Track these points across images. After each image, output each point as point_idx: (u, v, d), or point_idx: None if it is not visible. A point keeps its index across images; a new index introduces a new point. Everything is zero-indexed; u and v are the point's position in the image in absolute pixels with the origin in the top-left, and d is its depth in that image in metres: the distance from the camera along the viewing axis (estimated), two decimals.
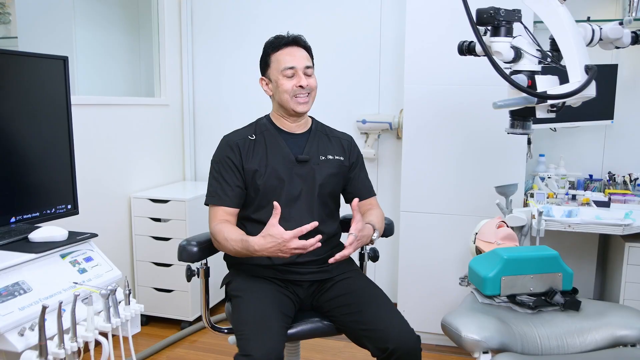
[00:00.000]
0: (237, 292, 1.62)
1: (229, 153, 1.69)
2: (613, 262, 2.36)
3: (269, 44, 1.74)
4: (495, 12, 1.45)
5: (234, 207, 1.68)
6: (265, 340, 1.41)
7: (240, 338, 1.45)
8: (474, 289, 1.72)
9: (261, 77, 1.76)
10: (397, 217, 2.68)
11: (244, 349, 1.40)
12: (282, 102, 1.71)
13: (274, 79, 1.71)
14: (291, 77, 1.69)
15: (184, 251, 1.66)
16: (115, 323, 1.37)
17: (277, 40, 1.73)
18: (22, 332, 1.24)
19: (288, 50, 1.71)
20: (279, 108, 1.75)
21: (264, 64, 1.75)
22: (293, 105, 1.70)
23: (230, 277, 1.72)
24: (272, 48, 1.72)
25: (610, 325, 1.53)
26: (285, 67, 1.68)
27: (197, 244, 1.66)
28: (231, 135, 1.75)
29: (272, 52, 1.72)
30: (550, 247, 1.69)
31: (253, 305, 1.54)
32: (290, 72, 1.68)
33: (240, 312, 1.54)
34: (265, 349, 1.38)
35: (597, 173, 2.61)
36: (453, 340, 1.51)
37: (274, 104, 1.77)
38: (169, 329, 2.69)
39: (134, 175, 2.76)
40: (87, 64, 2.81)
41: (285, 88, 1.68)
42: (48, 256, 1.43)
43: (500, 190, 2.10)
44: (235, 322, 1.54)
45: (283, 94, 1.69)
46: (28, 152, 1.60)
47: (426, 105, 2.40)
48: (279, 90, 1.70)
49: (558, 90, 1.42)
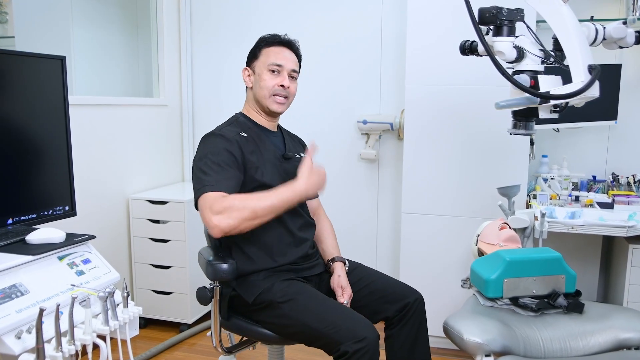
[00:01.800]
0: (285, 297, 1.55)
1: (228, 146, 1.58)
2: (617, 264, 2.35)
3: (263, 38, 1.74)
4: (497, 11, 1.45)
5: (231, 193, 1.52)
6: (360, 320, 1.46)
7: (333, 332, 1.43)
8: (476, 292, 1.72)
9: (245, 67, 1.75)
10: (398, 219, 2.67)
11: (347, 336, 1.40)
12: (258, 97, 1.71)
13: (258, 72, 1.70)
14: (275, 75, 1.68)
15: (217, 269, 1.52)
16: (113, 326, 1.37)
17: (273, 37, 1.73)
18: (19, 335, 1.23)
19: (280, 49, 1.72)
20: (254, 102, 1.74)
21: (252, 55, 1.74)
22: (269, 103, 1.69)
23: (257, 288, 1.60)
24: (266, 42, 1.72)
25: (614, 328, 1.52)
26: (273, 62, 1.68)
27: (224, 257, 1.57)
28: (222, 132, 1.63)
29: (264, 46, 1.72)
30: (553, 249, 1.69)
31: (315, 300, 1.54)
32: (276, 68, 1.68)
33: (310, 310, 1.50)
34: (368, 327, 1.44)
35: (600, 174, 2.60)
36: (455, 343, 1.50)
37: (249, 97, 1.76)
38: (167, 332, 2.69)
39: (132, 176, 2.75)
40: (85, 63, 2.80)
41: (267, 84, 1.68)
42: (45, 258, 1.43)
43: (502, 191, 2.09)
44: (309, 322, 1.49)
45: (263, 89, 1.69)
46: (25, 152, 1.59)
47: (428, 106, 2.39)
48: (259, 85, 1.69)
49: (561, 90, 1.41)
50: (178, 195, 2.70)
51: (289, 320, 1.53)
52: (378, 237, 2.89)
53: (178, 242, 2.62)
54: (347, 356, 1.38)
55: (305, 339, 1.53)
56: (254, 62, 1.73)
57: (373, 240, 2.89)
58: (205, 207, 1.46)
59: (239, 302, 1.64)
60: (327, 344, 1.45)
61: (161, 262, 2.67)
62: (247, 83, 1.75)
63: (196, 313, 2.72)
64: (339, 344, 1.40)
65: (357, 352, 1.37)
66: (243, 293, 1.61)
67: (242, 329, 1.66)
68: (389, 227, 2.85)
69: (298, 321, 1.51)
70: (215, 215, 1.43)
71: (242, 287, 1.61)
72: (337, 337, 1.41)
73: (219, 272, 1.55)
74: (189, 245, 2.62)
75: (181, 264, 2.63)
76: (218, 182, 1.49)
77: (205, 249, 1.69)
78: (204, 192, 1.48)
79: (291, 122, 2.33)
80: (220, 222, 1.43)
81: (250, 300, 1.59)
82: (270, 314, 1.57)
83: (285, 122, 1.91)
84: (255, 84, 1.71)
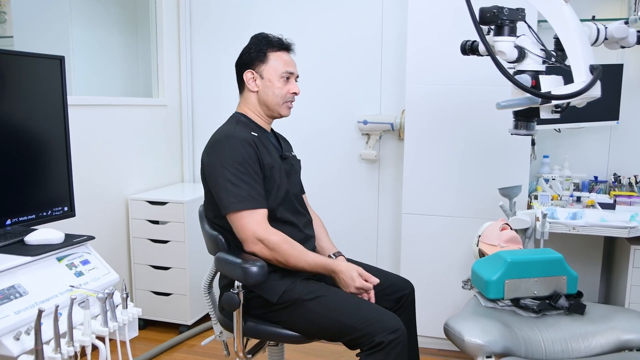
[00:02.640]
0: (312, 295, 1.58)
1: (250, 151, 1.61)
2: (618, 265, 2.34)
3: (267, 40, 1.72)
4: (498, 11, 1.45)
5: (266, 208, 1.62)
6: (387, 313, 1.54)
7: (366, 325, 1.48)
8: (477, 293, 1.71)
9: (250, 70, 1.71)
10: (399, 219, 2.67)
11: (381, 328, 1.46)
12: (268, 103, 1.71)
13: (268, 78, 1.70)
14: (286, 82, 1.71)
15: (254, 273, 1.50)
16: (112, 327, 1.36)
17: (279, 41, 1.72)
18: (18, 337, 1.23)
19: (287, 55, 1.73)
20: (258, 106, 1.74)
21: (255, 58, 1.71)
22: (281, 109, 1.73)
23: (279, 287, 1.61)
24: (272, 46, 1.71)
25: (616, 329, 1.52)
26: (287, 70, 1.71)
27: (252, 259, 1.54)
28: (237, 132, 1.64)
29: (270, 49, 1.71)
30: (554, 250, 1.68)
31: (341, 296, 1.58)
32: (288, 75, 1.71)
33: (340, 306, 1.55)
34: (396, 318, 1.51)
35: (602, 174, 2.59)
36: (456, 344, 1.50)
37: (253, 101, 1.74)
38: (167, 333, 2.68)
39: (132, 176, 2.75)
40: (84, 63, 2.80)
41: (281, 92, 1.70)
42: (44, 259, 1.42)
43: (503, 192, 2.09)
44: (339, 317, 1.53)
45: (277, 97, 1.70)
46: (24, 153, 1.58)
47: (428, 106, 2.39)
48: (272, 92, 1.70)
49: (562, 90, 1.41)
50: (177, 196, 2.69)
51: (317, 318, 1.56)
52: (378, 238, 2.88)
53: (177, 243, 2.61)
54: (382, 346, 1.45)
55: (332, 335, 1.56)
56: (261, 66, 1.70)
57: (373, 241, 2.88)
58: (247, 227, 1.57)
59: (255, 305, 1.63)
60: (359, 338, 1.49)
61: (160, 263, 2.66)
62: (252, 87, 1.72)
63: (196, 314, 2.72)
64: (373, 335, 1.46)
65: (392, 342, 1.45)
66: (265, 294, 1.60)
67: (258, 331, 1.64)
68: (390, 228, 2.85)
69: (328, 318, 1.55)
70: (256, 244, 1.57)
71: (264, 288, 1.60)
72: (371, 330, 1.47)
73: (250, 275, 1.51)
74: (189, 246, 2.61)
75: (181, 265, 2.63)
76: (253, 198, 1.57)
77: (223, 253, 1.63)
78: (245, 207, 1.57)
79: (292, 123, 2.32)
80: (258, 250, 1.57)
81: (274, 300, 1.59)
82: (295, 312, 1.58)
83: (286, 122, 1.91)
84: (265, 90, 1.70)
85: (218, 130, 1.70)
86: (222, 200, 1.59)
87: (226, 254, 1.61)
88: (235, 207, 1.57)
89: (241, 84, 1.76)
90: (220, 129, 1.71)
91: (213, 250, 1.72)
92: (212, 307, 1.80)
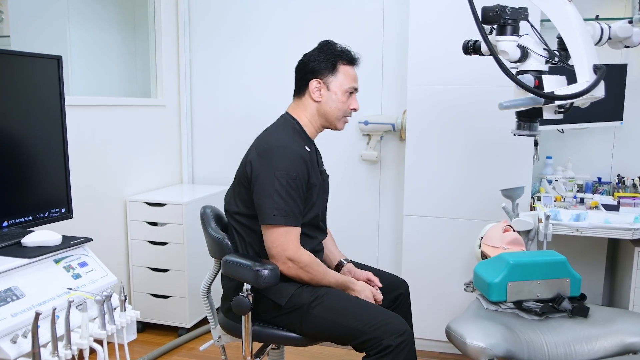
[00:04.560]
0: (318, 300, 1.59)
1: (304, 169, 1.61)
2: (622, 267, 2.34)
3: (337, 52, 1.71)
4: (501, 10, 1.44)
5: (300, 227, 1.63)
6: (394, 315, 1.55)
7: (373, 329, 1.50)
8: (479, 295, 1.71)
9: (317, 79, 1.70)
10: (400, 221, 2.66)
11: (388, 331, 1.48)
12: (328, 116, 1.71)
13: (335, 90, 1.70)
14: (350, 97, 1.72)
15: (266, 276, 1.51)
16: (110, 330, 1.36)
17: (349, 54, 1.73)
18: (15, 340, 1.22)
19: (353, 70, 1.74)
20: (317, 116, 1.73)
21: (325, 68, 1.69)
22: (339, 124, 1.75)
23: (287, 290, 1.61)
24: (343, 58, 1.71)
25: (620, 332, 1.51)
26: (353, 86, 1.72)
27: (267, 263, 1.56)
28: (295, 145, 1.63)
29: (342, 62, 1.71)
30: (557, 252, 1.67)
31: (347, 300, 1.60)
32: (353, 91, 1.73)
33: (346, 311, 1.56)
34: (402, 321, 1.53)
35: (606, 176, 2.58)
36: (458, 347, 1.49)
37: (312, 110, 1.72)
38: (165, 336, 2.67)
39: (130, 178, 2.74)
40: (82, 63, 2.80)
41: (344, 107, 1.72)
42: (41, 261, 1.42)
43: (506, 193, 2.08)
44: (346, 322, 1.54)
45: (338, 111, 1.71)
46: (21, 154, 1.58)
47: (430, 106, 2.38)
48: (335, 105, 1.70)
49: (566, 90, 1.40)
50: (176, 197, 2.68)
51: (324, 322, 1.56)
52: (380, 239, 2.87)
53: (176, 245, 2.61)
54: (389, 350, 1.47)
55: (339, 338, 1.57)
56: (329, 77, 1.69)
57: (374, 243, 2.87)
58: (280, 244, 1.58)
59: (263, 309, 1.62)
60: (366, 341, 1.50)
61: (159, 265, 2.65)
62: (316, 97, 1.70)
63: (195, 317, 2.71)
64: (380, 339, 1.48)
65: (399, 345, 1.47)
66: (273, 296, 1.61)
67: (264, 335, 1.64)
68: (391, 230, 2.84)
69: (334, 322, 1.55)
70: (285, 263, 1.58)
71: (271, 291, 1.60)
72: (378, 333, 1.49)
73: (262, 278, 1.50)
74: (188, 248, 2.60)
75: (179, 267, 2.62)
76: (294, 215, 1.58)
77: (232, 256, 1.62)
78: (287, 223, 1.57)
79: None
80: (285, 268, 1.58)
81: (282, 303, 1.59)
82: (303, 317, 1.59)
83: None
84: (329, 102, 1.70)
85: (272, 135, 1.67)
86: (264, 209, 1.58)
87: (236, 257, 1.60)
88: (276, 221, 1.56)
89: (302, 89, 1.73)
90: (275, 135, 1.67)
91: (217, 254, 1.71)
92: (210, 311, 1.78)
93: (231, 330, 1.70)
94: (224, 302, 1.72)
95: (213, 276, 1.79)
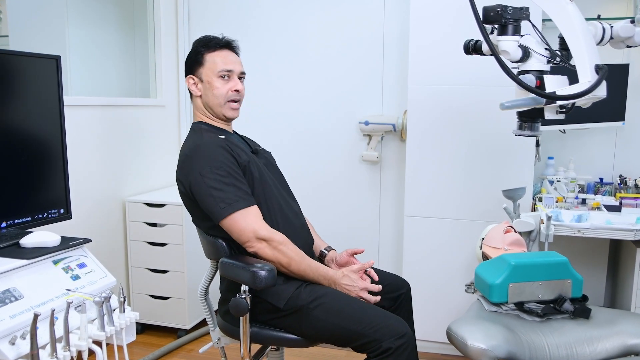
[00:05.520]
0: (316, 301, 1.56)
1: (224, 153, 1.59)
2: (624, 269, 2.33)
3: (202, 43, 1.72)
4: (502, 9, 1.43)
5: (256, 205, 1.59)
6: (394, 317, 1.53)
7: (373, 331, 1.48)
8: (480, 296, 1.70)
9: (190, 76, 1.72)
10: (400, 222, 2.65)
11: (388, 334, 1.46)
12: (212, 105, 1.71)
13: (207, 80, 1.69)
14: (226, 81, 1.69)
15: (264, 277, 1.48)
16: (109, 331, 1.36)
17: (213, 40, 1.72)
18: (13, 341, 1.22)
19: (225, 53, 1.72)
20: (205, 110, 1.73)
21: (194, 62, 1.71)
22: (225, 110, 1.71)
23: (285, 292, 1.59)
24: (207, 47, 1.71)
25: (622, 334, 1.51)
26: (224, 69, 1.69)
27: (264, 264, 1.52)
28: (204, 141, 1.63)
29: (206, 51, 1.70)
30: (559, 253, 1.67)
31: (346, 302, 1.57)
32: (226, 74, 1.69)
33: (345, 313, 1.53)
34: (403, 323, 1.51)
35: (607, 176, 2.58)
36: (459, 349, 1.49)
37: (199, 105, 1.73)
38: (165, 338, 2.66)
39: (129, 178, 2.73)
40: (81, 63, 2.79)
41: (220, 92, 1.69)
42: (40, 262, 1.42)
43: (507, 194, 2.08)
44: (346, 324, 1.52)
45: (217, 97, 1.69)
46: (19, 154, 1.58)
47: (431, 106, 2.37)
48: (212, 93, 1.69)
49: (567, 90, 1.40)
50: (175, 198, 2.65)
51: (324, 324, 1.55)
52: (380, 240, 2.86)
53: (175, 246, 2.60)
54: (389, 352, 1.44)
55: (339, 340, 1.56)
56: (199, 69, 1.70)
57: (375, 244, 2.87)
58: (245, 228, 1.54)
59: (261, 311, 1.61)
60: (366, 344, 1.49)
61: (158, 266, 2.64)
62: (195, 92, 1.72)
63: (194, 318, 2.70)
64: (380, 341, 1.46)
65: (399, 348, 1.45)
66: (271, 299, 1.59)
67: (263, 337, 1.63)
68: (392, 231, 2.83)
69: (334, 324, 1.53)
70: (259, 242, 1.55)
71: (270, 293, 1.59)
72: (378, 336, 1.47)
73: (260, 279, 1.48)
74: (187, 249, 2.59)
75: (179, 268, 2.61)
76: (241, 198, 1.55)
77: (228, 258, 1.60)
78: (239, 207, 1.54)
79: (292, 123, 2.35)
80: (260, 248, 1.55)
81: (281, 306, 1.58)
82: (302, 319, 1.57)
83: (285, 123, 1.89)
84: (207, 92, 1.70)
85: (184, 146, 1.69)
86: (211, 209, 1.56)
87: (232, 259, 1.59)
88: (226, 212, 1.54)
89: (189, 92, 1.76)
90: (185, 144, 1.69)
91: (213, 255, 1.70)
92: (209, 313, 1.78)
93: (230, 332, 1.69)
94: (222, 304, 1.71)
95: (210, 278, 1.78)
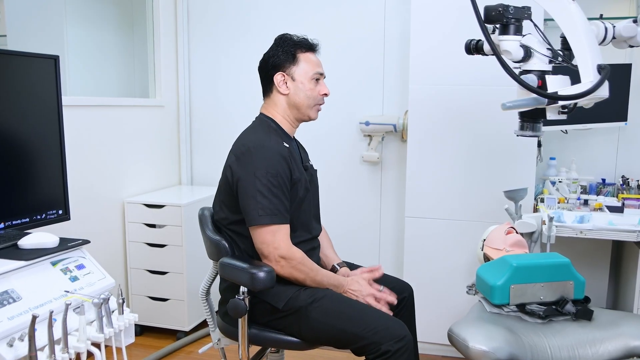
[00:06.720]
0: (315, 303, 1.57)
1: (284, 165, 1.60)
2: (627, 270, 2.32)
3: (296, 41, 1.70)
4: (504, 9, 1.43)
5: (288, 224, 1.61)
6: (394, 320, 1.54)
7: (372, 333, 1.48)
8: (481, 298, 1.70)
9: (280, 72, 1.68)
10: (401, 223, 2.65)
11: (387, 337, 1.46)
12: (299, 106, 1.70)
13: (300, 80, 1.68)
14: (317, 84, 1.70)
15: (262, 279, 1.49)
16: (108, 333, 1.37)
17: (306, 41, 1.71)
18: (12, 343, 1.23)
19: (315, 56, 1.73)
20: (288, 109, 1.71)
21: (285, 60, 1.68)
22: (312, 112, 1.72)
23: (284, 293, 1.60)
24: (301, 47, 1.70)
25: (624, 336, 1.50)
26: (318, 72, 1.71)
27: (263, 265, 1.55)
28: (272, 143, 1.62)
29: (300, 50, 1.69)
30: (561, 254, 1.66)
31: (346, 304, 1.58)
32: (319, 77, 1.71)
33: (344, 315, 1.54)
34: (403, 326, 1.52)
35: (610, 177, 2.57)
36: (460, 351, 1.49)
37: (282, 104, 1.71)
38: (164, 340, 2.66)
39: (128, 179, 2.72)
40: (79, 63, 2.79)
41: (313, 94, 1.69)
42: (38, 263, 1.42)
43: (509, 195, 2.07)
44: (345, 326, 1.53)
45: (309, 98, 1.69)
46: (17, 155, 1.58)
47: (432, 107, 2.37)
48: (305, 94, 1.69)
49: (569, 90, 1.39)
50: (175, 199, 2.67)
51: (322, 326, 1.55)
52: (381, 241, 2.86)
53: (175, 247, 2.59)
54: (388, 355, 1.45)
55: (338, 342, 1.56)
56: (291, 67, 1.68)
57: (376, 244, 2.86)
58: (270, 244, 1.57)
59: (260, 312, 1.61)
60: (365, 346, 1.49)
61: (157, 268, 2.64)
62: (283, 90, 1.69)
63: (193, 320, 2.70)
64: (379, 344, 1.46)
65: (398, 351, 1.45)
66: (270, 300, 1.59)
67: (262, 338, 1.63)
68: (392, 232, 2.82)
69: (332, 326, 1.53)
70: (278, 262, 1.56)
71: (269, 294, 1.59)
72: (377, 338, 1.47)
73: (258, 281, 1.49)
74: (186, 250, 2.59)
75: (178, 269, 2.61)
76: (280, 213, 1.57)
77: (229, 258, 1.61)
78: (273, 222, 1.56)
79: None
80: (279, 267, 1.56)
81: (280, 306, 1.58)
82: (300, 320, 1.57)
83: None
84: (297, 92, 1.68)
85: (248, 137, 1.67)
86: (249, 210, 1.57)
87: (232, 259, 1.59)
88: (262, 220, 1.55)
89: (268, 86, 1.73)
90: (251, 136, 1.67)
91: (215, 256, 1.70)
92: (209, 314, 1.77)
93: (229, 333, 1.69)
94: (222, 305, 1.71)
95: (212, 278, 1.78)
